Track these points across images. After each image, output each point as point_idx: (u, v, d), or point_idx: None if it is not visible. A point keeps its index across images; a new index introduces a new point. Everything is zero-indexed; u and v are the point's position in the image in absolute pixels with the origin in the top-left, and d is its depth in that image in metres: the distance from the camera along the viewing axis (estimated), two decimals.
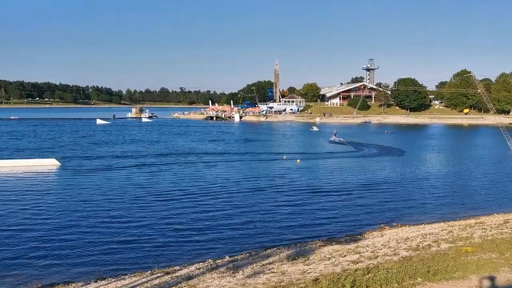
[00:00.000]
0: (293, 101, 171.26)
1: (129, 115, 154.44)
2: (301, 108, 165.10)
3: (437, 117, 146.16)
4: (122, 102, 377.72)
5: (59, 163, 39.89)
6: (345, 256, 15.16)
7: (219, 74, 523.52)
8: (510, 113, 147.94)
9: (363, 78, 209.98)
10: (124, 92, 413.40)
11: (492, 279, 11.37)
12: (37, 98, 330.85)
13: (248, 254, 17.05)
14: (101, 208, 24.11)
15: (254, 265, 14.63)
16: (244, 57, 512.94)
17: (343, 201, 27.03)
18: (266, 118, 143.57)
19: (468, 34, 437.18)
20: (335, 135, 75.08)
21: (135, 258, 16.80)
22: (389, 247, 16.02)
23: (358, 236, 19.36)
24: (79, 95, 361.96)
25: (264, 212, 23.95)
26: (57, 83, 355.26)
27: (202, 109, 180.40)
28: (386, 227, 21.28)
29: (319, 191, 29.97)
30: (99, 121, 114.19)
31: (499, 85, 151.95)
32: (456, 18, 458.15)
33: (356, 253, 15.40)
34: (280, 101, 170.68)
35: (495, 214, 23.55)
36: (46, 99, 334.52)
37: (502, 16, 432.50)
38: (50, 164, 39.67)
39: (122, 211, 23.55)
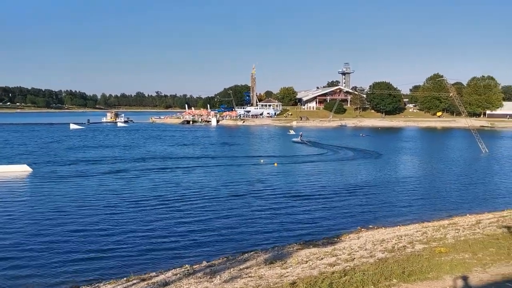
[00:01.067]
0: (270, 105, 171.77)
1: (104, 119, 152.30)
2: (278, 112, 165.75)
3: (412, 120, 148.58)
4: (97, 106, 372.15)
5: (30, 169, 39.05)
6: (322, 259, 15.22)
7: (195, 78, 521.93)
8: (481, 116, 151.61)
9: (339, 82, 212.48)
10: (99, 97, 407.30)
11: (465, 279, 11.58)
12: (8, 103, 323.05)
13: (225, 259, 16.98)
14: (75, 215, 23.67)
15: (232, 269, 14.57)
16: (221, 61, 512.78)
17: (320, 204, 27.22)
18: (243, 122, 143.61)
19: (440, 38, 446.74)
20: (300, 136, 78.89)
21: (110, 265, 16.55)
22: (365, 249, 16.17)
23: (335, 239, 19.49)
24: (52, 99, 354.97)
25: (241, 216, 23.92)
26: (29, 88, 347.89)
27: (178, 113, 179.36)
28: (362, 229, 21.49)
29: (296, 194, 30.09)
30: (72, 126, 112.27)
31: (470, 89, 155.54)
32: (429, 23, 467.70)
33: (333, 256, 15.49)
34: (257, 105, 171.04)
35: (467, 214, 24.04)
36: (18, 103, 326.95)
37: (473, 21, 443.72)
38: (21, 170, 38.78)
39: (96, 218, 23.15)
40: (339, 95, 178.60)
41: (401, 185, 34.37)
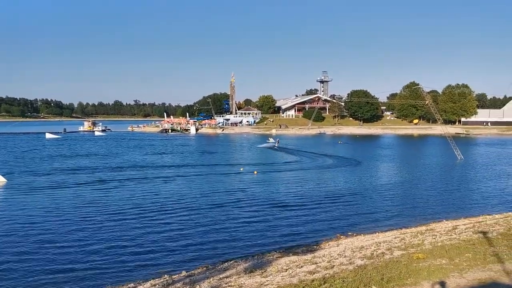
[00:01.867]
0: (249, 113, 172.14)
1: (81, 128, 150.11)
2: (257, 120, 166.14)
3: (389, 128, 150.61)
4: (74, 115, 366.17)
5: (5, 180, 38.24)
6: (302, 267, 15.24)
7: (174, 87, 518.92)
8: (456, 123, 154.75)
9: (317, 90, 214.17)
10: (75, 105, 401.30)
11: (442, 284, 11.74)
12: None
13: (205, 268, 16.86)
14: (49, 227, 23.23)
15: (211, 279, 14.47)
16: (200, 69, 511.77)
17: (300, 212, 27.29)
18: (223, 130, 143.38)
19: (416, 47, 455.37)
20: (277, 142, 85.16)
21: (87, 277, 16.24)
22: (344, 256, 16.25)
23: (315, 247, 19.55)
24: (27, 108, 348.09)
25: (221, 225, 23.81)
26: (3, 96, 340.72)
27: (157, 122, 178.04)
28: (342, 236, 21.61)
29: (276, 202, 30.10)
30: (48, 135, 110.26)
31: (445, 97, 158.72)
32: (405, 32, 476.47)
33: (313, 264, 15.53)
34: (236, 113, 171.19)
35: (444, 220, 24.43)
36: None
37: (448, 31, 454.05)
38: None
39: (72, 229, 22.76)
40: (317, 103, 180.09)
41: (379, 192, 34.72)
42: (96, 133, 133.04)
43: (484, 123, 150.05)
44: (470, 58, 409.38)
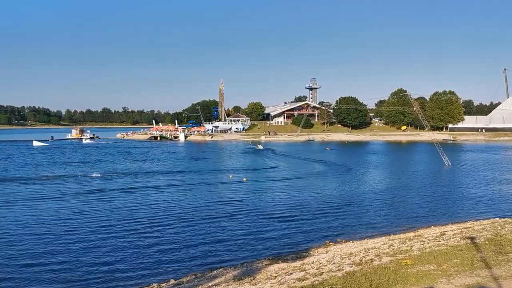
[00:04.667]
0: (238, 120, 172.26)
1: (69, 136, 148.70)
2: (246, 127, 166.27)
3: (378, 134, 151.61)
4: (62, 123, 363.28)
5: None
6: (291, 274, 15.22)
7: (163, 94, 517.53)
8: (444, 130, 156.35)
9: (306, 97, 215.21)
10: (63, 113, 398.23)
11: None
12: None
13: (194, 276, 16.77)
14: (31, 238, 22.94)
15: (200, 287, 14.39)
16: (189, 76, 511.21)
17: (288, 219, 27.28)
18: (212, 137, 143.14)
19: (403, 53, 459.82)
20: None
21: (57, 282, 16.07)
22: (333, 263, 16.26)
23: (304, 253, 19.54)
24: (13, 115, 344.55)
25: (210, 233, 23.71)
26: None
27: (146, 129, 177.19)
28: (330, 243, 21.63)
29: (265, 210, 30.08)
30: (35, 143, 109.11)
31: (432, 103, 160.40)
32: (392, 39, 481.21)
33: (302, 271, 15.51)
34: (225, 120, 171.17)
35: (432, 226, 24.58)
36: None
37: (434, 39, 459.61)
38: None
39: (56, 240, 22.50)
40: (306, 110, 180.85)
41: (368, 199, 34.86)
42: (84, 141, 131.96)
43: (479, 129, 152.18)
44: (457, 65, 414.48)
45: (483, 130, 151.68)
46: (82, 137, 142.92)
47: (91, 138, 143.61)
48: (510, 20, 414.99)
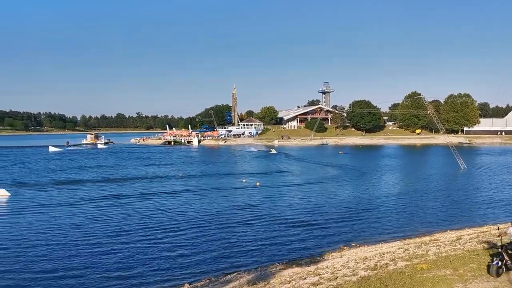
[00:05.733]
0: (251, 125, 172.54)
1: (84, 141, 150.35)
2: (259, 131, 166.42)
3: (392, 138, 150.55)
4: (77, 128, 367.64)
5: (8, 193, 38.30)
6: (305, 278, 15.16)
7: (176, 99, 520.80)
8: (459, 133, 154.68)
9: (319, 101, 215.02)
10: (78, 118, 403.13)
11: None
12: None
13: (208, 280, 16.79)
14: (48, 241, 23.22)
15: None
16: (202, 81, 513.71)
17: (302, 223, 27.16)
18: (225, 142, 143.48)
19: (417, 57, 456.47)
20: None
21: None
22: (348, 268, 16.16)
23: (318, 258, 19.45)
24: (30, 122, 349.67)
25: (223, 237, 23.73)
26: (7, 110, 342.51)
27: (159, 134, 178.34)
28: (345, 247, 21.50)
29: (278, 214, 30.02)
30: (51, 149, 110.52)
31: (447, 106, 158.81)
32: (407, 42, 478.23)
33: (316, 275, 15.44)
34: (238, 124, 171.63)
35: (448, 230, 24.28)
36: None
37: (449, 40, 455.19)
38: None
39: (72, 244, 22.71)
40: (319, 114, 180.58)
41: (382, 203, 34.59)
42: (99, 146, 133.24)
43: (499, 132, 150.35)
44: (472, 67, 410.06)
45: (503, 133, 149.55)
46: (97, 143, 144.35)
47: (105, 143, 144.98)
48: None
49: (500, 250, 12.59)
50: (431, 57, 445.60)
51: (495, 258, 12.48)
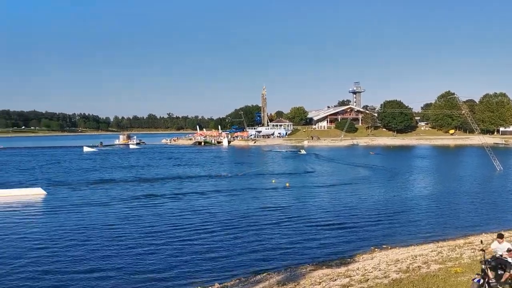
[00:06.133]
0: (281, 125, 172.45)
1: (117, 142, 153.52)
2: (289, 132, 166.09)
3: (424, 138, 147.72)
4: (110, 129, 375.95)
5: (45, 192, 39.46)
6: (335, 280, 15.06)
7: (206, 99, 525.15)
8: (495, 133, 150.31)
9: (350, 101, 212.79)
10: (111, 119, 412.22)
11: None
12: (23, 127, 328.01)
13: (238, 280, 16.87)
14: (82, 238, 23.79)
15: None
16: (232, 82, 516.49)
17: (332, 225, 26.94)
18: (255, 142, 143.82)
19: (452, 55, 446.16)
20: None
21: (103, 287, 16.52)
22: (379, 270, 15.96)
23: (348, 259, 19.27)
24: (65, 123, 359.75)
25: (253, 237, 23.78)
26: (43, 111, 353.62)
27: (190, 135, 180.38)
28: (376, 249, 21.22)
29: (308, 214, 29.87)
30: (86, 149, 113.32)
31: (482, 106, 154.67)
32: (440, 41, 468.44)
33: (347, 277, 15.31)
34: (268, 125, 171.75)
35: (483, 233, 23.62)
36: (33, 127, 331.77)
37: (485, 39, 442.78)
38: (36, 193, 39.25)
39: (104, 242, 23.17)
40: (350, 114, 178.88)
41: (414, 205, 33.95)
42: (131, 146, 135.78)
43: None
44: (508, 67, 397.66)
45: None
46: (129, 143, 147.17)
47: (137, 143, 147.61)
48: None
49: (482, 266, 11.76)
50: (464, 56, 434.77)
51: (476, 275, 11.68)
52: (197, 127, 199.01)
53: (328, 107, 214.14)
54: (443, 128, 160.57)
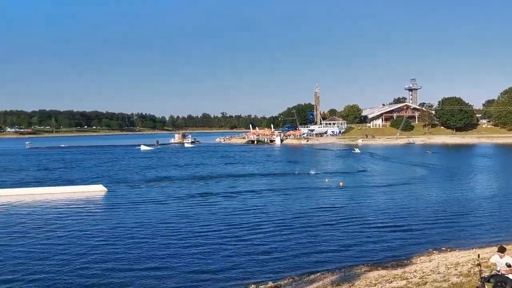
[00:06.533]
0: (334, 123, 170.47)
1: (172, 140, 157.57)
2: (342, 130, 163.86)
3: (486, 136, 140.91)
4: (165, 128, 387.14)
5: (105, 189, 41.14)
6: (391, 282, 14.71)
7: (259, 99, 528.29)
8: None
9: (406, 99, 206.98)
10: (167, 119, 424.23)
11: None
12: (85, 126, 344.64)
13: (291, 280, 16.84)
14: (141, 235, 24.49)
15: None
16: (284, 80, 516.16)
17: (388, 225, 26.28)
18: (307, 141, 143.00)
19: None
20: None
21: (161, 282, 16.96)
22: (438, 273, 15.41)
23: (405, 261, 18.74)
24: (124, 122, 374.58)
25: (307, 237, 23.62)
26: (104, 111, 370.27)
27: (243, 133, 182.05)
28: (434, 251, 20.51)
29: (363, 214, 29.31)
30: (143, 147, 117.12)
31: None
32: (502, 35, 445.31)
33: (403, 279, 14.91)
34: (321, 123, 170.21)
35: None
36: (94, 127, 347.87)
37: None
38: (97, 190, 41.03)
39: (159, 239, 23.77)
40: (406, 112, 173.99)
41: (476, 206, 32.46)
42: (186, 145, 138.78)
43: None
44: None
45: None
46: (184, 142, 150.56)
47: (192, 142, 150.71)
48: None
49: (480, 282, 10.57)
50: None
51: None
52: (250, 126, 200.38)
53: (383, 104, 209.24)
54: (507, 126, 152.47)
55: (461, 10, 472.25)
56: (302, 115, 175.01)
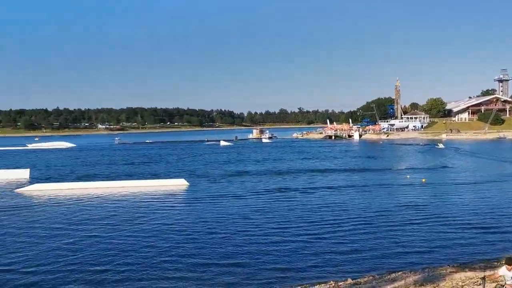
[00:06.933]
0: (416, 118, 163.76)
1: (250, 136, 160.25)
2: (425, 125, 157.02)
3: None
4: (244, 124, 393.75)
5: (187, 183, 42.86)
6: (479, 284, 14.02)
7: (337, 93, 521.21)
8: None
9: (495, 91, 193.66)
10: (245, 114, 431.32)
11: None
12: (168, 123, 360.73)
13: (371, 277, 16.62)
14: (220, 230, 25.06)
15: None
16: (362, 74, 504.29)
17: (475, 224, 24.92)
18: (387, 136, 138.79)
19: None
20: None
21: (258, 278, 17.24)
22: None
23: (495, 263, 17.74)
24: (204, 118, 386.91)
25: (387, 235, 23.07)
26: (185, 108, 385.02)
27: (320, 129, 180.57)
28: None
29: (447, 214, 27.97)
30: (222, 143, 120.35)
31: None
32: None
33: (493, 282, 14.13)
34: (401, 118, 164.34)
35: None
36: (176, 123, 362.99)
37: None
38: (180, 184, 42.87)
39: (238, 233, 24.20)
40: (495, 105, 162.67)
41: None
42: (264, 140, 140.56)
43: None
44: None
45: None
46: (261, 137, 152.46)
47: (269, 137, 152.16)
48: None
49: None
50: None
51: None
52: (327, 121, 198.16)
53: (470, 97, 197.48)
54: None
55: None
56: (381, 109, 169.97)
